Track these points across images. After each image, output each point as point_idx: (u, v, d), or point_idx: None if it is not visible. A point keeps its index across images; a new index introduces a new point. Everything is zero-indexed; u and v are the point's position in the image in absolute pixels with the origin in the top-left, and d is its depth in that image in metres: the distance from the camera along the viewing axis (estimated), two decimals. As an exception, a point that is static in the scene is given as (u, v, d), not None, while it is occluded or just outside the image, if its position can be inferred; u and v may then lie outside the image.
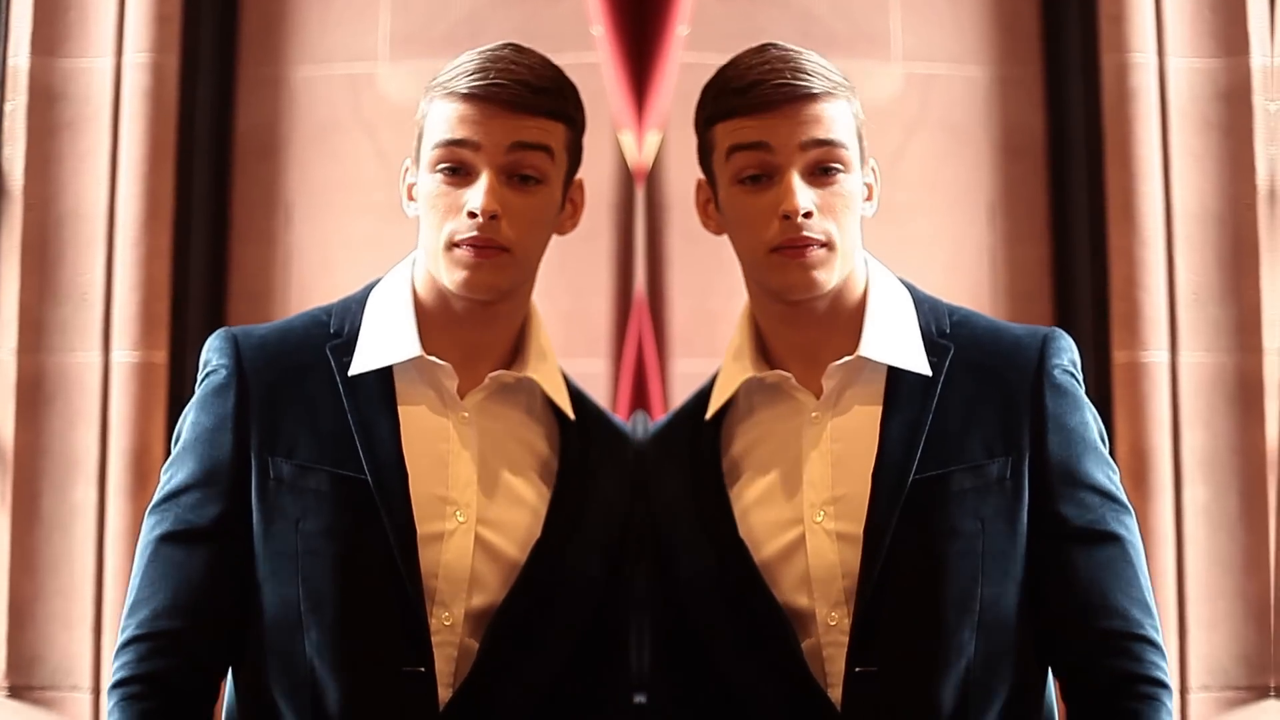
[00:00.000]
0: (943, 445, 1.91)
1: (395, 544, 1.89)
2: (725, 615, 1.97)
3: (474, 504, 1.94)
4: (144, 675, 1.90)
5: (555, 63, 1.98)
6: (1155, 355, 3.51)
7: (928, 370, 1.95)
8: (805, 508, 1.93)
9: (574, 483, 2.00)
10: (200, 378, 1.99)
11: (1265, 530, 3.49)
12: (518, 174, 1.92)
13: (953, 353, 1.96)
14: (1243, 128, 3.56)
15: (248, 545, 1.93)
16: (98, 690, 3.43)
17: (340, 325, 2.00)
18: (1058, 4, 3.70)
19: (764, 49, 1.95)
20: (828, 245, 1.90)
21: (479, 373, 1.99)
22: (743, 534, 1.95)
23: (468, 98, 1.92)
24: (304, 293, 3.56)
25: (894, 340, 1.96)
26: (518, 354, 2.02)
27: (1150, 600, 1.93)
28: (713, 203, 1.99)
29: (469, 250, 1.90)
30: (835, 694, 1.90)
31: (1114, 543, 1.92)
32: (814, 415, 1.96)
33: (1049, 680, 1.98)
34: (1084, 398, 1.97)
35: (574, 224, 2.03)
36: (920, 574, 1.89)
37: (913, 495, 1.89)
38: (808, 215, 1.88)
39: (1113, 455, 1.99)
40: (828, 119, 1.92)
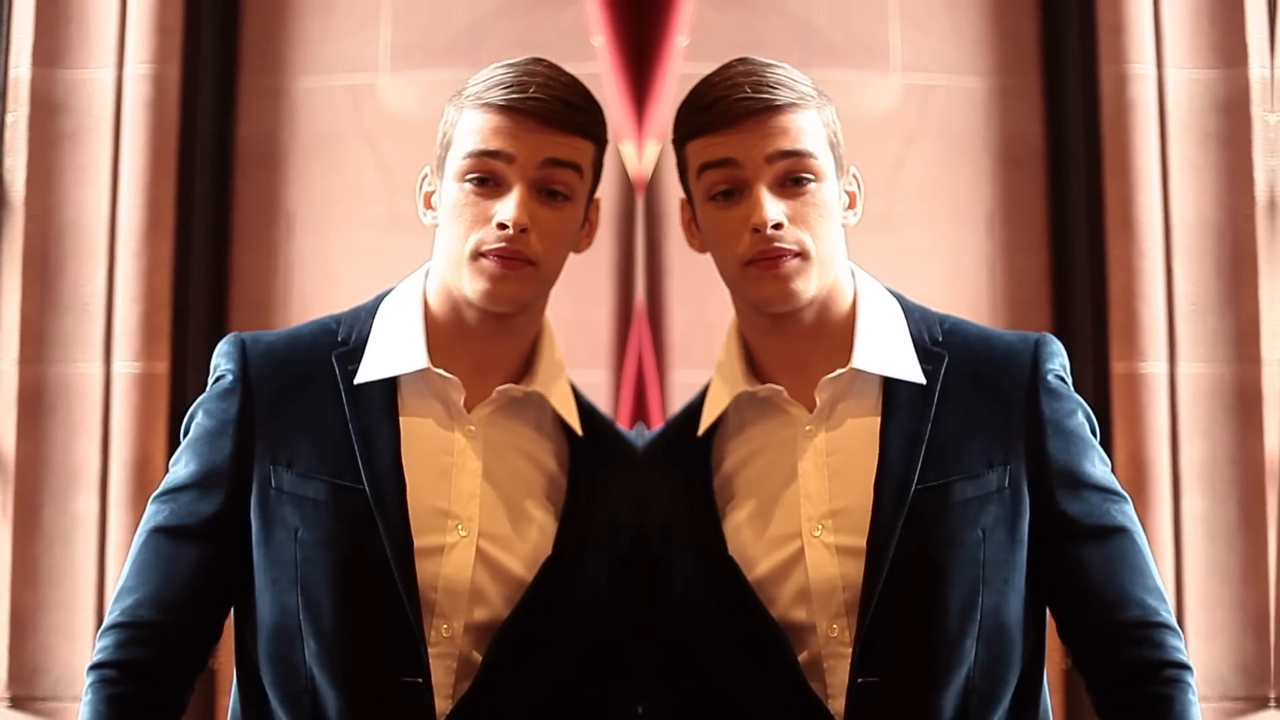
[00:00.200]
0: (942, 455, 1.91)
1: (391, 554, 1.88)
2: (720, 630, 1.96)
3: (476, 518, 1.93)
4: (121, 661, 1.93)
5: None
6: (1154, 366, 3.51)
7: (922, 379, 1.94)
8: (803, 522, 1.92)
9: (583, 500, 1.99)
10: (210, 381, 2.00)
11: (1264, 541, 3.49)
12: (546, 189, 1.91)
13: (947, 361, 1.96)
14: (1241, 139, 3.57)
15: (238, 549, 1.94)
16: (99, 700, 3.43)
17: (348, 333, 2.00)
18: (1057, 15, 3.70)
19: (730, 65, 1.95)
20: (802, 255, 1.89)
21: (488, 386, 1.97)
22: (735, 550, 1.94)
23: (504, 110, 1.91)
24: (305, 303, 3.57)
25: (886, 351, 1.95)
26: (529, 368, 2.01)
27: (1160, 584, 1.96)
28: (695, 221, 1.99)
29: (495, 261, 1.89)
30: (835, 705, 1.89)
31: (1121, 535, 1.94)
32: (807, 429, 1.95)
33: (1044, 686, 1.99)
34: (1076, 396, 1.98)
35: (589, 242, 2.02)
36: (923, 584, 1.88)
37: (915, 505, 1.89)
38: (778, 226, 1.88)
39: (1111, 466, 1.99)
40: (794, 130, 1.91)
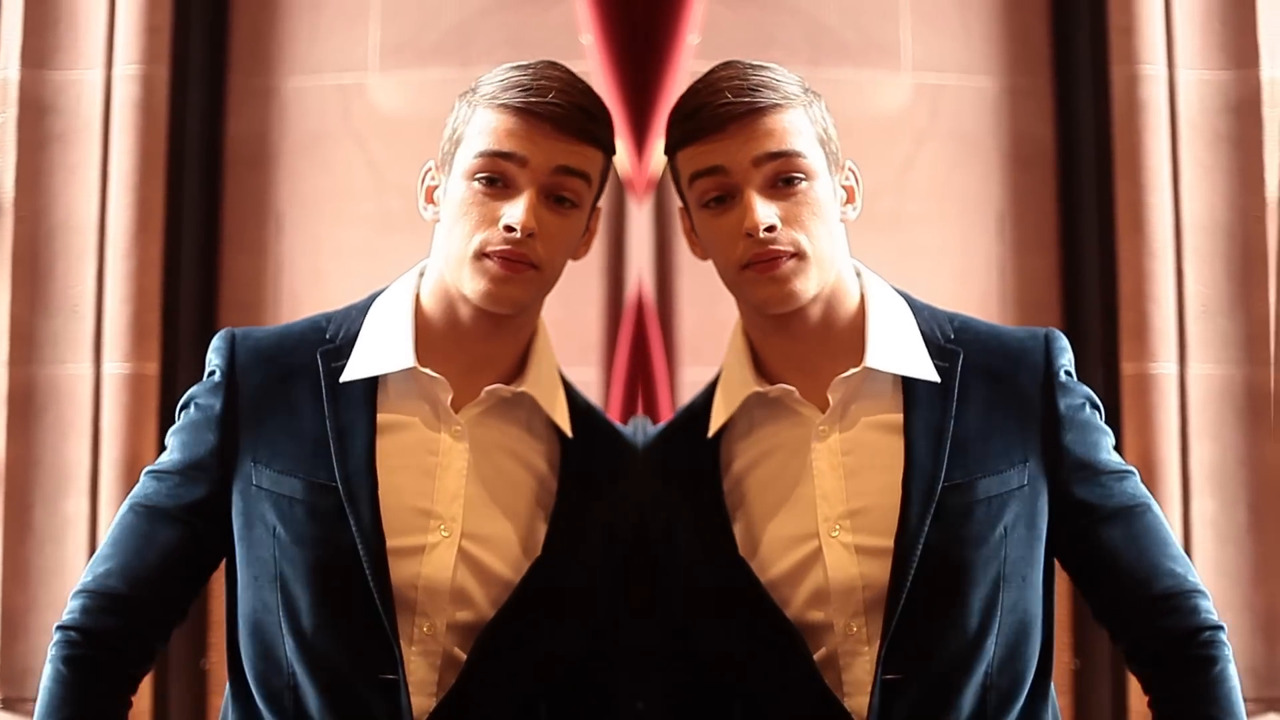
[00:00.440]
0: (965, 452, 1.92)
1: (363, 552, 1.88)
2: (732, 631, 1.96)
3: (459, 518, 1.93)
4: (84, 627, 1.94)
5: None
6: (1164, 367, 3.50)
7: (935, 377, 1.95)
8: (820, 522, 1.92)
9: (574, 502, 1.99)
10: (205, 374, 2.01)
11: (1274, 543, 3.48)
12: (555, 195, 1.91)
13: (962, 358, 1.97)
14: (1253, 140, 3.56)
15: (216, 537, 1.96)
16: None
17: (336, 331, 2.00)
18: (1068, 15, 3.70)
19: (714, 70, 1.95)
20: (799, 255, 1.89)
21: (480, 386, 1.97)
22: (747, 552, 1.94)
23: (521, 112, 1.89)
24: (295, 303, 3.56)
25: (899, 349, 1.95)
26: (521, 369, 2.00)
27: (1180, 549, 1.99)
28: (693, 228, 1.98)
29: (499, 263, 1.89)
30: (852, 703, 1.90)
31: (1141, 511, 1.96)
32: (821, 429, 1.95)
33: (1052, 682, 1.99)
34: (1084, 388, 2.00)
35: (586, 250, 2.01)
36: (947, 582, 1.89)
37: (941, 503, 1.89)
38: (771, 229, 1.87)
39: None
40: (780, 131, 1.90)
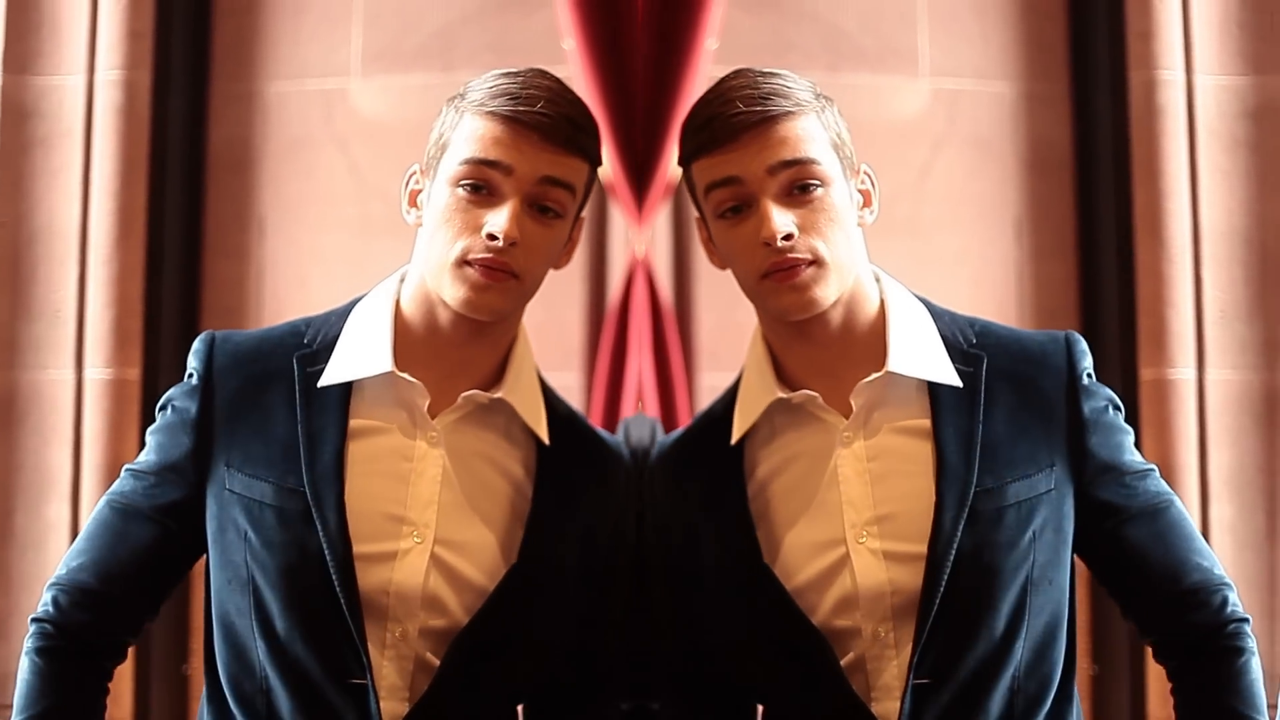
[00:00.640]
0: (995, 457, 1.92)
1: (329, 557, 1.88)
2: (756, 637, 1.96)
3: (432, 525, 1.92)
4: (56, 620, 1.95)
5: None
6: (1182, 372, 3.50)
7: (957, 381, 1.94)
8: (846, 529, 1.92)
9: (551, 509, 1.98)
10: (184, 377, 2.02)
11: (1292, 548, 3.49)
12: (539, 205, 1.90)
13: (987, 362, 1.97)
14: (1271, 145, 3.56)
15: (189, 538, 1.96)
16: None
17: (314, 335, 2.00)
18: (1085, 20, 3.70)
19: (725, 79, 1.94)
20: (817, 262, 1.88)
21: (457, 392, 1.96)
22: (770, 559, 1.93)
23: (508, 120, 1.89)
24: (278, 308, 3.57)
25: (920, 354, 1.95)
26: (500, 375, 1.99)
27: (1203, 541, 2.00)
28: (711, 238, 1.98)
29: (480, 271, 1.88)
30: (880, 708, 1.89)
31: (1166, 508, 1.97)
32: (845, 435, 1.94)
33: (1075, 681, 2.00)
34: (1106, 390, 2.01)
35: (569, 259, 2.01)
36: (978, 587, 1.89)
37: (973, 508, 1.89)
38: (788, 238, 1.86)
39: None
40: (794, 138, 1.89)
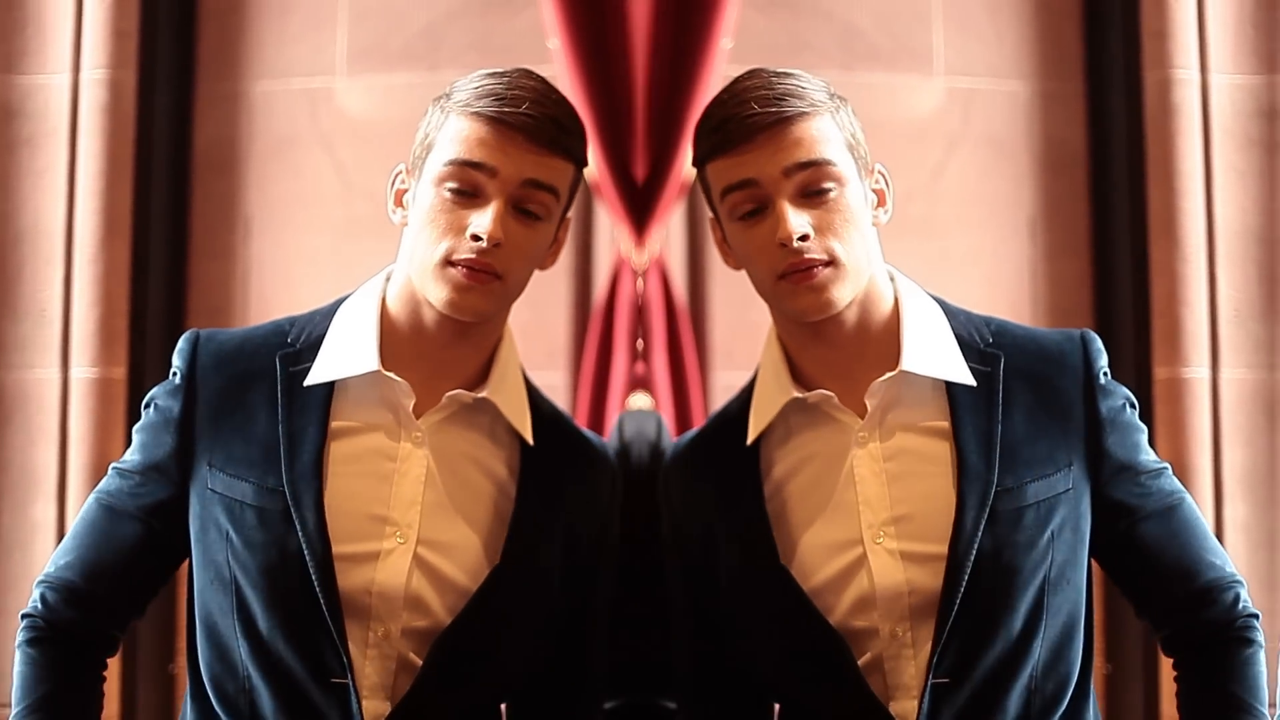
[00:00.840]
0: (1014, 456, 1.92)
1: (309, 557, 1.88)
2: (774, 638, 1.96)
3: (416, 525, 1.92)
4: (45, 616, 1.96)
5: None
6: (1196, 371, 3.50)
7: (971, 380, 1.95)
8: (863, 529, 1.92)
9: (534, 509, 1.98)
10: (169, 375, 2.02)
11: (1306, 548, 3.48)
12: (523, 206, 1.90)
13: (1004, 361, 1.97)
14: (1286, 144, 3.56)
15: (175, 537, 1.97)
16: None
17: (298, 335, 2.00)
18: (1100, 19, 3.69)
19: (739, 79, 1.94)
20: (833, 263, 1.88)
21: (442, 392, 1.96)
22: (786, 559, 1.93)
23: (493, 121, 1.89)
24: (263, 307, 3.56)
25: (934, 353, 1.95)
26: (485, 375, 1.99)
27: (1214, 538, 2.00)
28: (725, 239, 1.98)
29: (464, 271, 1.88)
30: (897, 707, 1.90)
31: (1180, 506, 1.98)
32: (860, 435, 1.94)
33: (1091, 680, 2.00)
34: (1122, 388, 2.01)
35: (554, 261, 2.01)
36: (998, 587, 1.89)
37: (993, 508, 1.89)
38: (804, 239, 1.87)
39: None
40: (809, 140, 1.89)
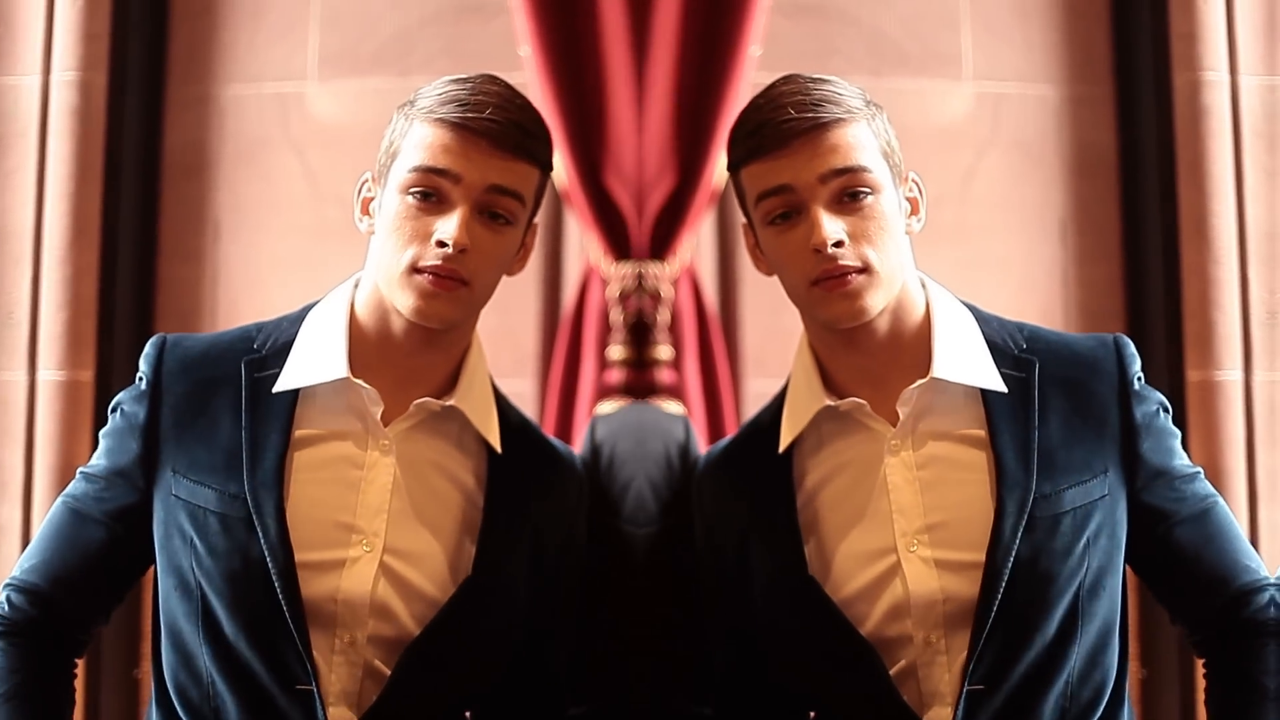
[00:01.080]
0: (1051, 463, 1.92)
1: (271, 564, 1.88)
2: (807, 646, 1.96)
3: (382, 533, 1.93)
4: (9, 617, 1.98)
5: None
6: (1229, 374, 3.49)
7: (1002, 386, 1.95)
8: (897, 537, 1.92)
9: (501, 519, 1.98)
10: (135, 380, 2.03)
11: (1341, 550, 3.46)
12: (489, 211, 1.91)
13: (1039, 367, 1.96)
14: (1317, 145, 3.54)
15: (139, 542, 1.98)
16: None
17: (264, 341, 2.01)
18: (1129, 22, 3.69)
19: (775, 84, 1.95)
20: (866, 271, 1.89)
21: (409, 400, 1.97)
22: (820, 568, 1.93)
23: (457, 127, 1.89)
24: (232, 311, 3.56)
25: (965, 360, 1.95)
26: (453, 383, 1.99)
27: (1247, 540, 2.01)
28: (758, 245, 1.98)
29: (430, 278, 1.89)
30: (931, 715, 1.90)
31: (1213, 510, 1.99)
32: (893, 443, 1.95)
33: (1126, 684, 2.00)
34: (1156, 393, 2.01)
35: (522, 266, 2.02)
36: (1035, 594, 1.89)
37: (1031, 515, 1.90)
38: (839, 245, 1.87)
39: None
40: (845, 146, 1.90)
